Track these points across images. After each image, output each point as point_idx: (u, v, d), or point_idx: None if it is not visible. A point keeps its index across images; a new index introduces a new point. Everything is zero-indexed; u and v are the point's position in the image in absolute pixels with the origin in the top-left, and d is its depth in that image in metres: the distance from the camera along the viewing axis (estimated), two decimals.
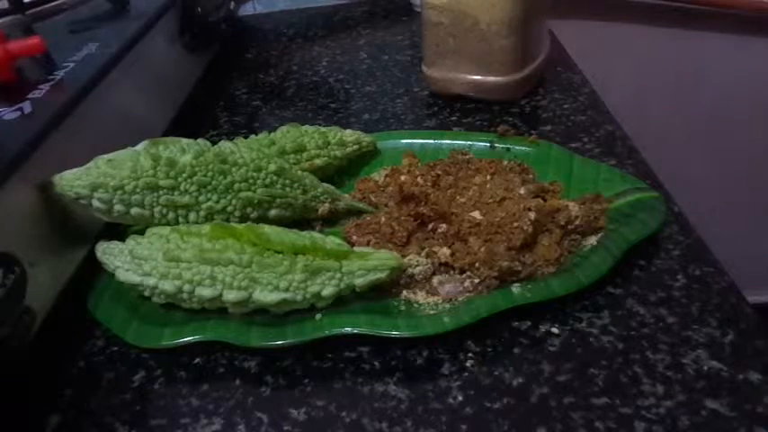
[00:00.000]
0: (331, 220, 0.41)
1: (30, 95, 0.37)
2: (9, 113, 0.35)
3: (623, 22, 0.84)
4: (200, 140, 0.37)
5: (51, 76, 0.39)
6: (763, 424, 0.27)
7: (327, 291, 0.32)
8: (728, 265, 0.36)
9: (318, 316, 0.33)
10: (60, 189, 0.34)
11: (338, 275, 0.32)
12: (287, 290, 0.32)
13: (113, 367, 0.33)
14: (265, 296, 0.32)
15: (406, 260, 0.34)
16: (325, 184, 0.40)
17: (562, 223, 0.35)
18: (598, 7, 0.82)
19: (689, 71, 0.89)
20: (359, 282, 0.32)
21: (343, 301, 0.33)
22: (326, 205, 0.40)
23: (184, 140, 0.37)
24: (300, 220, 0.40)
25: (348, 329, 0.31)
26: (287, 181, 0.38)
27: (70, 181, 0.33)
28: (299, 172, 0.39)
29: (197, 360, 0.33)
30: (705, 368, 0.29)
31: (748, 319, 0.32)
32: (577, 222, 0.36)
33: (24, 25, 0.46)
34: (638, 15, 0.84)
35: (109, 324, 0.34)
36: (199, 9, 0.59)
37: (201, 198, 0.36)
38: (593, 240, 0.36)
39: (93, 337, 0.35)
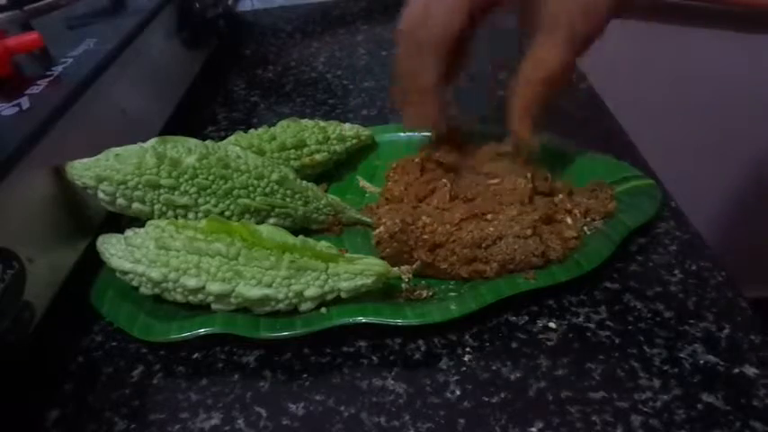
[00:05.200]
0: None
1: (28, 91, 0.37)
2: (7, 109, 0.35)
3: (621, 18, 0.84)
4: (208, 142, 0.37)
5: (49, 72, 0.39)
6: (758, 418, 0.27)
7: (310, 291, 0.32)
8: (724, 260, 0.36)
9: (324, 310, 0.33)
10: (70, 177, 0.35)
11: (323, 276, 0.32)
12: (270, 285, 0.32)
13: (112, 362, 0.33)
14: (248, 290, 0.31)
15: (396, 269, 0.33)
16: (331, 197, 0.40)
17: (565, 235, 0.35)
18: None
19: (686, 67, 0.89)
20: (344, 285, 0.32)
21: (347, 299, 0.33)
22: (330, 218, 0.40)
23: (193, 141, 0.37)
24: (301, 229, 0.39)
25: (357, 318, 0.31)
26: (288, 191, 0.38)
27: (79, 170, 0.34)
28: (304, 183, 0.39)
29: (196, 355, 0.33)
30: (701, 362, 0.30)
31: (744, 313, 0.32)
32: (593, 215, 0.37)
33: (22, 21, 0.46)
34: (635, 11, 0.83)
35: (115, 320, 0.34)
36: (197, 5, 0.59)
37: (201, 200, 0.36)
38: (598, 223, 0.37)
39: (92, 333, 0.35)
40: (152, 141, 0.36)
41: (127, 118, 0.43)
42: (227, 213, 0.36)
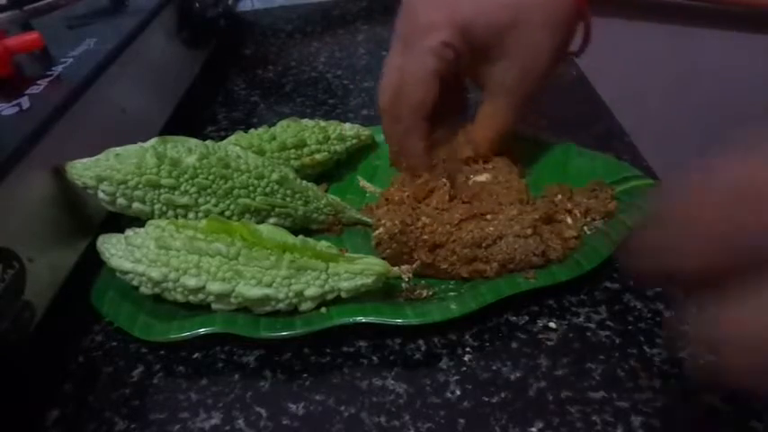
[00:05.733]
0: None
1: (28, 91, 0.37)
2: (7, 109, 0.35)
3: (620, 18, 0.84)
4: (208, 142, 0.37)
5: (49, 72, 0.39)
6: (758, 418, 0.27)
7: (311, 291, 0.32)
8: None
9: (324, 309, 0.33)
10: (70, 177, 0.35)
11: (323, 276, 0.32)
12: (270, 285, 0.32)
13: (112, 362, 0.33)
14: (248, 290, 0.31)
15: (396, 269, 0.33)
16: (331, 197, 0.40)
17: (565, 235, 0.35)
18: (595, 3, 0.82)
19: (686, 67, 0.89)
20: (344, 285, 0.32)
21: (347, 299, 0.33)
22: (330, 218, 0.40)
23: (193, 141, 0.37)
24: (301, 229, 0.39)
25: (357, 318, 0.31)
26: (288, 191, 0.38)
27: (79, 170, 0.34)
28: (304, 183, 0.39)
29: (196, 355, 0.33)
30: (701, 362, 0.30)
31: None
32: (593, 215, 0.37)
33: (22, 21, 0.46)
34: (635, 11, 0.84)
35: (115, 319, 0.34)
36: (197, 5, 0.59)
37: (201, 200, 0.36)
38: (598, 223, 0.37)
39: (92, 333, 0.35)
40: (152, 141, 0.36)
41: (127, 118, 0.43)
42: (227, 213, 0.36)
